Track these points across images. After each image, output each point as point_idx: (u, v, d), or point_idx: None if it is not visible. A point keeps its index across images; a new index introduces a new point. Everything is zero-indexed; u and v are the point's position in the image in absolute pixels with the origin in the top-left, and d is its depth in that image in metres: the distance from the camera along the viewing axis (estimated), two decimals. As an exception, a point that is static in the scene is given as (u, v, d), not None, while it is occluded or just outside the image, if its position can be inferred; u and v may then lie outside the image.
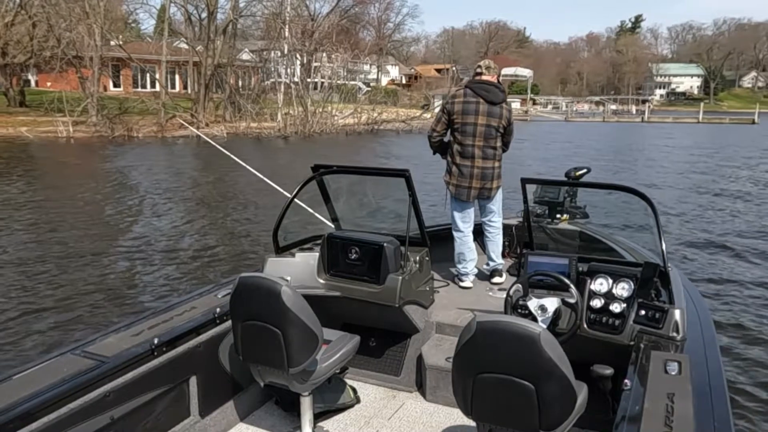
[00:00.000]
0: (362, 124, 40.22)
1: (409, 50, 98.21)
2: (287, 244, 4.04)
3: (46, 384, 2.50)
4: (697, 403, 2.23)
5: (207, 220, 12.55)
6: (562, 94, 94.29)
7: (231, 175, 18.64)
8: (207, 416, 3.29)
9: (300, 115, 37.61)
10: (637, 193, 3.32)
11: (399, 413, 3.58)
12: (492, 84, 4.63)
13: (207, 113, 35.77)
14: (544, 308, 3.11)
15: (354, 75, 55.05)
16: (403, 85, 77.64)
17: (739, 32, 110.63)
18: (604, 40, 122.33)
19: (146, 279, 8.22)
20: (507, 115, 4.66)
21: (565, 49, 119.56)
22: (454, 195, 4.74)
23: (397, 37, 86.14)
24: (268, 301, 2.85)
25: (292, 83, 39.09)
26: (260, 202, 14.11)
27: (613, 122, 63.76)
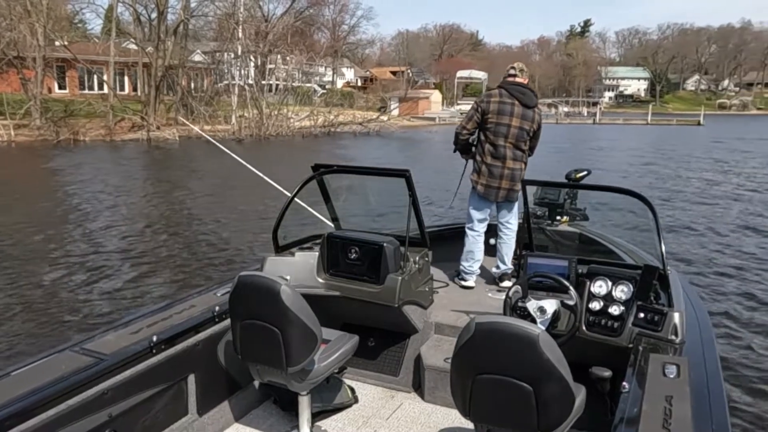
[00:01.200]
0: (319, 127, 39.97)
1: (364, 52, 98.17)
2: (287, 243, 4.02)
3: (44, 381, 2.49)
4: (696, 406, 2.22)
5: (160, 228, 12.06)
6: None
7: (188, 179, 18.11)
8: (205, 414, 3.28)
9: (255, 118, 37.14)
10: (637, 196, 3.32)
11: (397, 413, 3.58)
12: (526, 87, 4.68)
13: (158, 115, 34.83)
14: (543, 310, 3.10)
15: (309, 77, 54.70)
16: (359, 87, 77.45)
17: (682, 37, 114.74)
18: (554, 43, 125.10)
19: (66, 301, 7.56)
20: (538, 119, 4.70)
21: (517, 53, 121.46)
22: (483, 194, 4.72)
23: (352, 40, 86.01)
24: (267, 300, 2.84)
25: (246, 85, 38.61)
26: (217, 208, 13.71)
27: (566, 124, 65.08)
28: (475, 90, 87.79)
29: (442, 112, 64.77)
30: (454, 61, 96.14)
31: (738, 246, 10.96)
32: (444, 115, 61.91)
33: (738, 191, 17.98)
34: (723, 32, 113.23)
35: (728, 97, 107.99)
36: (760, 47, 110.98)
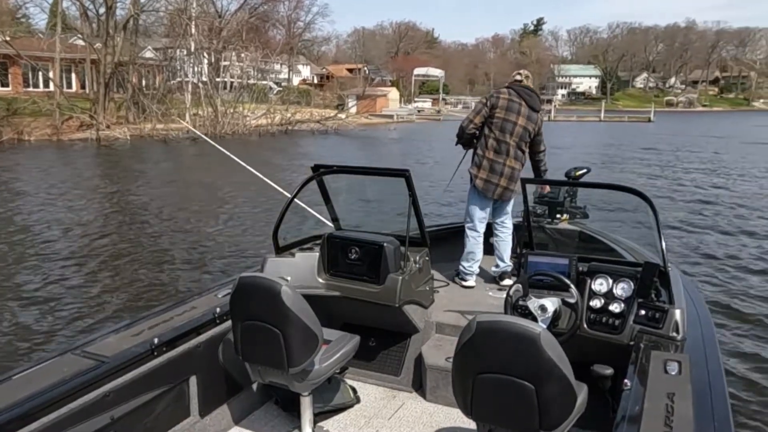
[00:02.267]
0: (276, 125, 39.44)
1: (320, 50, 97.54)
2: (287, 244, 4.02)
3: (45, 384, 2.50)
4: (697, 403, 2.23)
5: (113, 232, 11.54)
6: (470, 94, 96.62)
7: (138, 180, 17.44)
8: (207, 416, 3.28)
9: (210, 116, 36.42)
10: (637, 193, 3.32)
11: (399, 413, 3.58)
12: (533, 91, 4.79)
13: (108, 114, 33.69)
14: (544, 308, 3.10)
15: (265, 74, 53.84)
16: (316, 85, 76.85)
17: (631, 36, 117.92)
18: (508, 41, 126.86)
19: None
20: (540, 123, 4.82)
21: (472, 50, 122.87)
22: (481, 189, 4.74)
23: (307, 37, 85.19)
24: (268, 301, 2.84)
25: (200, 83, 37.79)
26: (165, 209, 13.18)
27: (522, 121, 65.85)
28: (431, 87, 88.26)
29: (400, 109, 64.82)
30: (410, 58, 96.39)
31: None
32: (402, 113, 61.97)
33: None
34: (669, 31, 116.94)
35: (675, 95, 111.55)
36: (704, 46, 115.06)
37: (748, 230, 12.28)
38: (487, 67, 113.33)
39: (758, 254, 10.28)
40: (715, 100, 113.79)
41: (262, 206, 13.87)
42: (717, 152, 29.74)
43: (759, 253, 10.34)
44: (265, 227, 11.57)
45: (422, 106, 75.26)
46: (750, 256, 10.14)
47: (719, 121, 64.61)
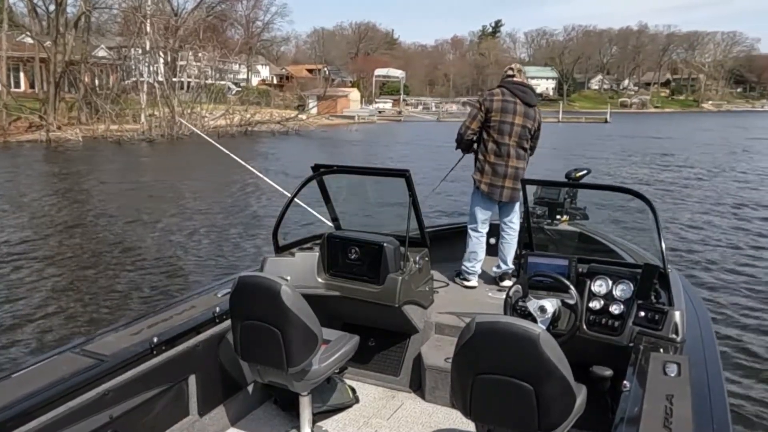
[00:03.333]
0: (235, 126, 38.83)
1: (280, 50, 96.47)
2: (287, 243, 4.02)
3: (44, 383, 2.49)
4: (696, 405, 2.23)
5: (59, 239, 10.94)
6: (430, 95, 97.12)
7: (90, 185, 16.73)
8: (206, 415, 3.28)
9: (166, 117, 35.57)
10: (638, 195, 3.32)
11: (398, 413, 3.59)
12: (527, 86, 4.69)
13: (59, 115, 32.54)
14: (543, 309, 3.10)
15: (223, 75, 52.96)
16: (275, 85, 75.99)
17: (586, 38, 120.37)
18: (467, 43, 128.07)
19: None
20: (539, 118, 4.74)
21: (432, 52, 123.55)
22: (487, 193, 4.70)
23: (266, 37, 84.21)
24: (267, 301, 2.84)
25: (156, 82, 36.88)
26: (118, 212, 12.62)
27: (482, 122, 66.45)
28: (392, 88, 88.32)
29: (361, 110, 64.63)
30: (370, 59, 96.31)
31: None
32: (363, 114, 61.79)
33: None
34: (623, 34, 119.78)
35: (629, 96, 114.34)
36: (656, 49, 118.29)
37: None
38: (447, 68, 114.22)
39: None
40: (667, 101, 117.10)
41: (224, 212, 13.51)
42: (670, 153, 30.48)
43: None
44: (225, 237, 11.24)
45: (383, 107, 75.25)
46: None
47: (670, 121, 66.48)
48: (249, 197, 15.68)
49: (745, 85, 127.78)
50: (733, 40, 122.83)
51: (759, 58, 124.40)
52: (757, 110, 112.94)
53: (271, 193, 16.25)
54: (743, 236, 11.90)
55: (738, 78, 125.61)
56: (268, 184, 5.64)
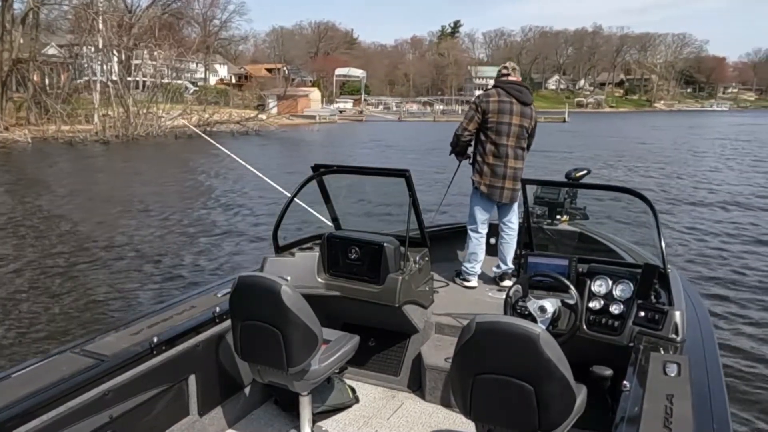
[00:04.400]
0: (193, 126, 37.78)
1: (238, 49, 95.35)
2: (287, 243, 4.01)
3: (45, 382, 2.49)
4: (697, 405, 2.23)
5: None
6: (390, 95, 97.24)
7: (39, 188, 15.94)
8: (206, 415, 3.27)
9: (121, 117, 34.56)
10: (638, 195, 3.32)
11: (398, 413, 3.58)
12: (522, 85, 4.69)
13: (6, 115, 31.22)
14: (543, 309, 3.10)
15: (180, 74, 51.82)
16: (234, 85, 74.93)
17: (543, 39, 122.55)
18: (427, 43, 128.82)
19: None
20: (535, 117, 4.73)
21: (391, 51, 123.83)
22: (486, 194, 4.68)
23: (224, 35, 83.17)
24: (267, 301, 2.83)
25: (109, 82, 35.79)
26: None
27: (444, 121, 66.77)
28: (352, 88, 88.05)
29: (322, 110, 64.30)
30: (330, 59, 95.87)
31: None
32: (324, 113, 61.44)
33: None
34: (578, 35, 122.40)
35: (584, 96, 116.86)
36: (610, 50, 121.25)
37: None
38: (407, 68, 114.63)
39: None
40: (621, 101, 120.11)
41: (181, 217, 13.04)
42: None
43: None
44: (180, 243, 10.77)
45: (344, 107, 74.99)
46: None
47: (626, 121, 68.09)
48: (213, 202, 15.29)
49: (694, 86, 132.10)
50: (683, 41, 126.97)
51: (707, 59, 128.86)
52: (706, 110, 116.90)
53: (235, 196, 15.82)
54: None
55: (688, 78, 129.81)
56: (269, 184, 5.58)
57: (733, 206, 15.17)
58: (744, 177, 21.27)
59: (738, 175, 21.99)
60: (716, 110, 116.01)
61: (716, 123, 66.02)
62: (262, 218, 13.18)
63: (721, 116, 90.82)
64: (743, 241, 11.50)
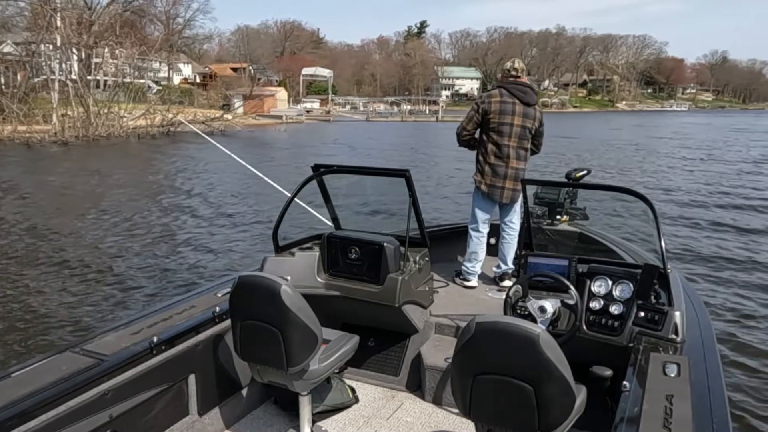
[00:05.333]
0: (156, 126, 37.09)
1: (202, 48, 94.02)
2: (287, 243, 4.00)
3: (44, 382, 2.49)
4: (696, 405, 2.24)
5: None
6: (357, 95, 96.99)
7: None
8: (205, 415, 3.28)
9: (81, 117, 33.58)
10: (638, 195, 3.31)
11: (398, 413, 3.59)
12: (527, 85, 4.65)
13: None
14: (543, 309, 3.10)
15: (142, 73, 50.69)
16: (198, 84, 73.76)
17: (507, 40, 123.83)
18: (393, 43, 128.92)
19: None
20: (540, 117, 4.70)
21: (358, 51, 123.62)
22: (487, 194, 4.68)
23: (188, 34, 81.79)
24: (267, 301, 2.83)
25: (69, 80, 34.75)
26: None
27: (411, 122, 66.93)
28: (319, 88, 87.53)
29: (289, 110, 63.70)
30: (296, 58, 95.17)
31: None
32: (291, 113, 60.85)
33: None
34: (542, 36, 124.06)
35: (549, 96, 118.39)
36: (573, 51, 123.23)
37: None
38: (374, 68, 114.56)
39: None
40: (584, 101, 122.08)
41: (146, 221, 12.59)
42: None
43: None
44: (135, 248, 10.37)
45: (311, 107, 74.49)
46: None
47: (589, 121, 69.20)
48: (177, 209, 14.74)
49: (654, 86, 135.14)
50: (643, 43, 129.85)
51: (667, 61, 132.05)
52: (666, 110, 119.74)
53: (204, 200, 15.42)
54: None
55: (648, 79, 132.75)
56: (269, 184, 5.55)
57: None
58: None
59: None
60: (676, 110, 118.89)
61: (675, 123, 67.49)
62: (242, 220, 13.04)
63: (681, 116, 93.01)
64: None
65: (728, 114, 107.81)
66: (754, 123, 67.43)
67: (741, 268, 9.62)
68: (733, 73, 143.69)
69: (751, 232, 12.32)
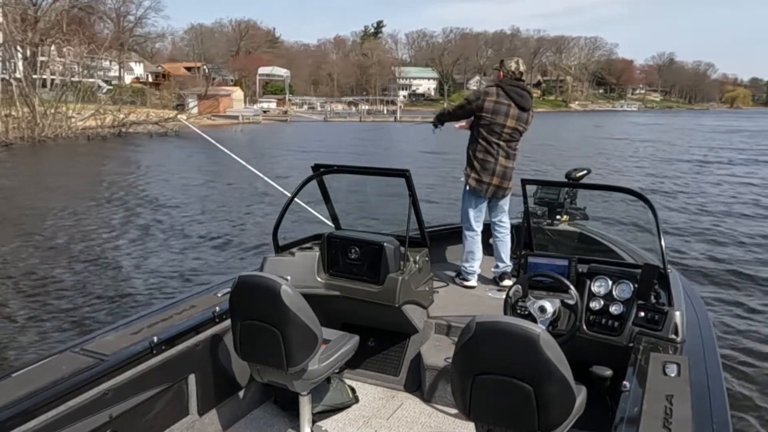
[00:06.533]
0: (107, 127, 35.99)
1: (154, 47, 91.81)
2: (287, 243, 4.00)
3: (44, 382, 2.49)
4: (696, 405, 2.24)
5: None
6: (315, 95, 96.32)
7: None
8: (205, 415, 3.28)
9: (26, 117, 32.24)
10: (638, 195, 3.31)
11: (398, 413, 3.59)
12: (525, 89, 4.67)
13: None
14: (543, 309, 3.11)
15: (92, 71, 49.10)
16: (151, 83, 71.94)
17: (463, 40, 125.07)
18: (350, 43, 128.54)
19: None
20: (531, 121, 4.74)
21: (315, 51, 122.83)
22: (474, 188, 4.72)
23: (139, 32, 79.66)
24: (267, 300, 2.83)
25: (12, 79, 33.32)
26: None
27: (370, 122, 66.77)
28: (275, 87, 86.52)
29: (245, 110, 62.73)
30: (252, 57, 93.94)
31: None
32: (248, 113, 59.94)
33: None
34: (497, 37, 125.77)
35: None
36: (528, 52, 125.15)
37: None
38: (331, 67, 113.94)
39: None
40: (539, 101, 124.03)
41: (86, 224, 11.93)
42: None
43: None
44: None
45: (268, 107, 73.54)
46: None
47: (544, 121, 70.36)
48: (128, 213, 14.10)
49: (606, 87, 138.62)
50: (594, 44, 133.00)
51: (617, 62, 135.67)
52: (617, 110, 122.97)
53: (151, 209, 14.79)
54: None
55: (600, 80, 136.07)
56: (269, 184, 5.60)
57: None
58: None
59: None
60: (626, 110, 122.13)
61: (628, 124, 69.09)
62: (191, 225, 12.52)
63: (632, 116, 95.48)
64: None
65: (676, 114, 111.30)
66: (703, 123, 69.53)
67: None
68: (679, 74, 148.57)
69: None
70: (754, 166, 25.31)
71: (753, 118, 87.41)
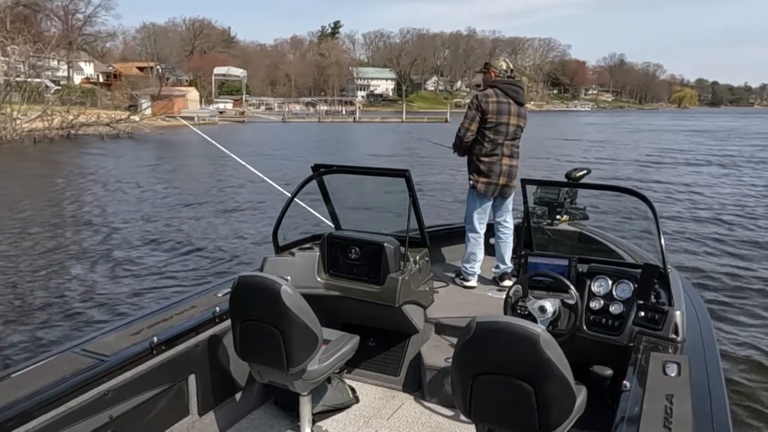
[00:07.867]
0: (55, 129, 34.73)
1: (105, 46, 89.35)
2: (287, 243, 4.00)
3: (44, 382, 2.50)
4: (696, 405, 2.25)
5: None
6: (272, 95, 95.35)
7: None
8: (205, 415, 3.28)
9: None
10: (638, 195, 3.32)
11: (398, 413, 3.60)
12: (519, 86, 4.75)
13: None
14: (543, 309, 3.11)
15: (39, 71, 47.37)
16: (102, 84, 69.98)
17: (420, 41, 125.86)
18: (307, 43, 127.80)
19: None
20: (527, 116, 4.83)
21: (271, 51, 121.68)
22: (482, 192, 4.73)
23: (89, 31, 77.29)
24: (267, 301, 2.82)
25: (-48, 79, 31.81)
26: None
27: (328, 122, 66.41)
28: (231, 88, 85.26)
29: (201, 111, 61.55)
30: (207, 57, 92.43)
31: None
32: (203, 114, 58.81)
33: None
34: (454, 38, 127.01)
35: (462, 97, 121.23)
36: (484, 53, 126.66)
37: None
38: (288, 68, 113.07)
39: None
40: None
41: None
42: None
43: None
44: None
45: (224, 107, 72.39)
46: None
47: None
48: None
49: (560, 87, 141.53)
50: (548, 46, 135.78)
51: (570, 63, 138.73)
52: (571, 110, 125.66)
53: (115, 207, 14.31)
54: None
55: (554, 81, 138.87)
56: (269, 183, 5.60)
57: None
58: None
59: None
60: (580, 110, 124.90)
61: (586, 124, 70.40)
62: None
63: (585, 116, 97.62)
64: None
65: (627, 113, 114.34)
66: (653, 123, 71.32)
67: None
68: (630, 75, 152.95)
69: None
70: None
71: (698, 117, 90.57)
